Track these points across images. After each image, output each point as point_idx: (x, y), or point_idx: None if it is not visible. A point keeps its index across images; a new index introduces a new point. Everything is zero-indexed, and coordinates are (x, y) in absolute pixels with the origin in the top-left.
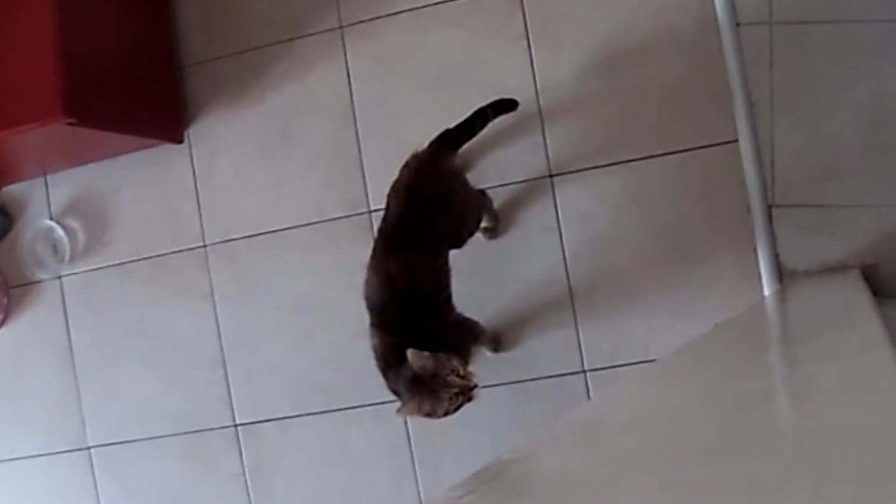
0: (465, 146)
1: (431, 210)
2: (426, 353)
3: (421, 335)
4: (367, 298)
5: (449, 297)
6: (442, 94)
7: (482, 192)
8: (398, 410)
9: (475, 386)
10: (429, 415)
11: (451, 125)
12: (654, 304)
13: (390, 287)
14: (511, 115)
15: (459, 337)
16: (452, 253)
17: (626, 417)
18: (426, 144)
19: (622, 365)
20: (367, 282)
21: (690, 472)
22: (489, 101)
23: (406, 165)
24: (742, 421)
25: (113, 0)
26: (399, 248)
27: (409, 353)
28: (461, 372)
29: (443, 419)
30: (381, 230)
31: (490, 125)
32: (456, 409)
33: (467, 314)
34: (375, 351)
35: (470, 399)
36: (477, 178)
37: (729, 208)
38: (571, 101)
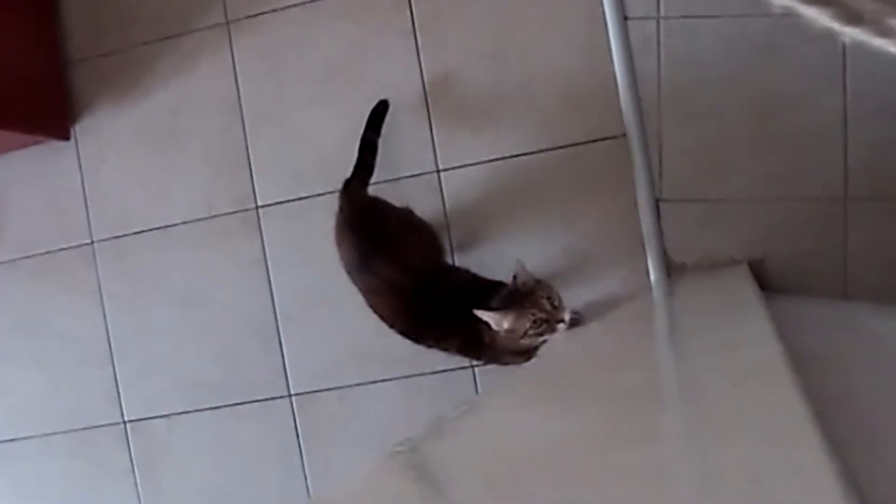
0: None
1: (376, 225)
2: (532, 274)
3: (453, 311)
4: (391, 321)
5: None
6: (330, 89)
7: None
8: (484, 311)
9: (562, 321)
10: (509, 332)
11: (350, 173)
12: None
13: (391, 287)
14: (399, 110)
15: (484, 292)
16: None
17: (511, 410)
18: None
19: None
20: (380, 309)
21: (575, 464)
22: (364, 125)
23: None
24: (628, 415)
25: None
26: (375, 262)
27: (518, 264)
28: (556, 303)
29: (524, 356)
30: (349, 273)
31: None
32: (534, 336)
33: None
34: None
35: (551, 332)
36: None
37: (617, 203)
38: (459, 95)
